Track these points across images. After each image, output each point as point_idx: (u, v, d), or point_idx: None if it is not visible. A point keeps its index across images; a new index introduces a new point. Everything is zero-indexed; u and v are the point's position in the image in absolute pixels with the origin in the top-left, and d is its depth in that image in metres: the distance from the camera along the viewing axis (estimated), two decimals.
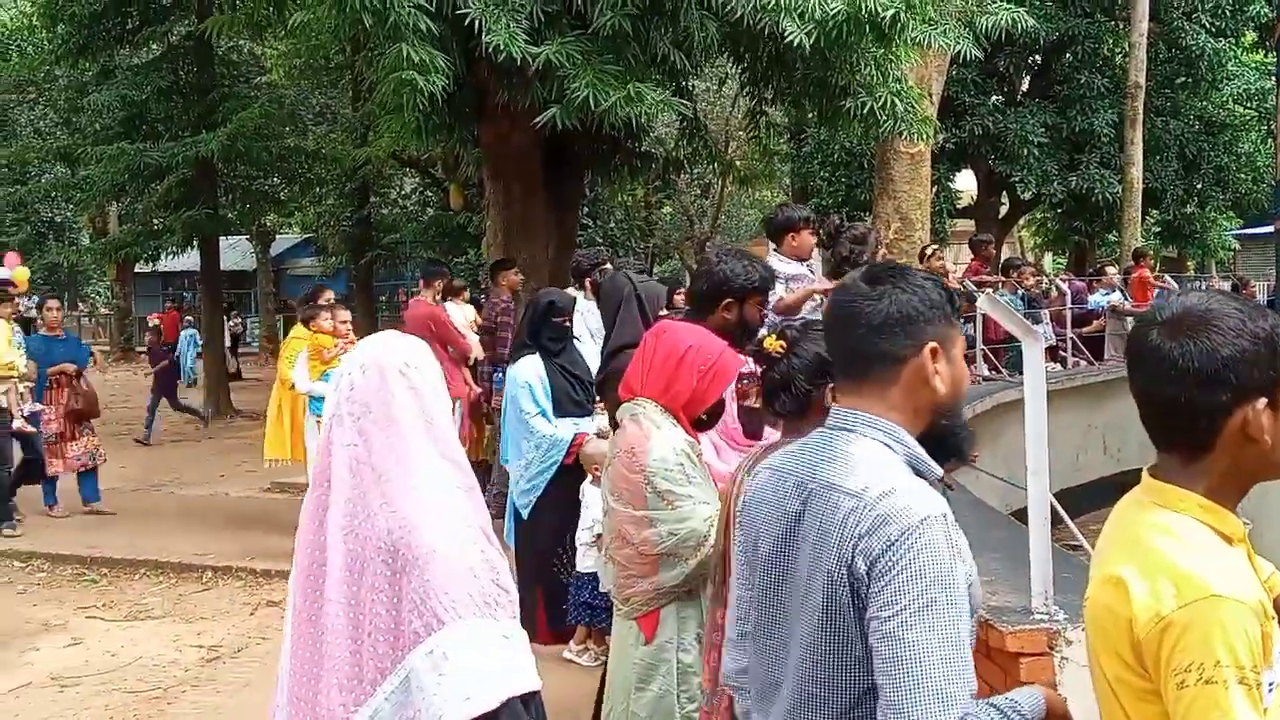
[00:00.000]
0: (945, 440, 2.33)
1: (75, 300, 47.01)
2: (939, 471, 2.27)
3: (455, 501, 2.44)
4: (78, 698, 6.79)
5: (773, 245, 6.46)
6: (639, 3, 8.24)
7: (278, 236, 32.66)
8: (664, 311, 5.61)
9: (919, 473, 2.18)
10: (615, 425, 3.97)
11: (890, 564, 2.01)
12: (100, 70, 19.49)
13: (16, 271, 11.31)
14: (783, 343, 3.18)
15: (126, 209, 23.89)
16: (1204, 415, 1.84)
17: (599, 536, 5.29)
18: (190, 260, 22.11)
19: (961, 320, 13.05)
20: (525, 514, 6.48)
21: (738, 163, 16.17)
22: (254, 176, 21.49)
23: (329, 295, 10.50)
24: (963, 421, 3.39)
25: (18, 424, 10.46)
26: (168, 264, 22.73)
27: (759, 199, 30.22)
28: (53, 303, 11.88)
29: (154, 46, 19.84)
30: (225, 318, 23.68)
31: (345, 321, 9.87)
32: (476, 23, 8.05)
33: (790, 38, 8.27)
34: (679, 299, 6.93)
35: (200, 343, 22.54)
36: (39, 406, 10.71)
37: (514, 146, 10.43)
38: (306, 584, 2.48)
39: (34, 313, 24.21)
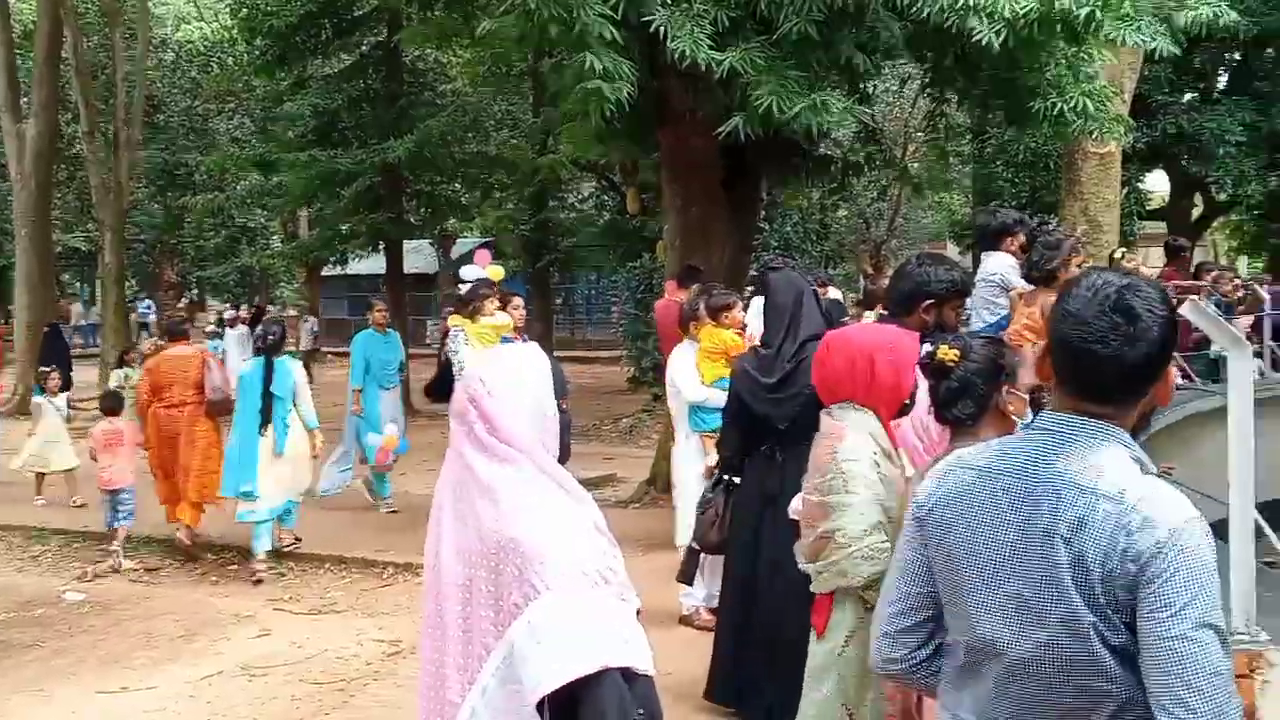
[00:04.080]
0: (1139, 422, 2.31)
1: (266, 302, 48.91)
2: (1155, 469, 2.26)
3: (552, 495, 2.52)
4: (266, 687, 7.03)
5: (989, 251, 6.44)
6: (824, 6, 8.17)
7: (458, 240, 33.41)
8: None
9: (1145, 472, 2.21)
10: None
11: (1165, 564, 2.06)
12: (294, 80, 20.21)
13: (491, 269, 11.75)
14: (956, 351, 3.28)
15: (316, 214, 24.76)
16: None
17: None
18: (375, 263, 22.79)
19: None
20: None
21: (913, 167, 15.93)
22: (438, 182, 22.04)
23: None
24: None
25: None
26: (354, 267, 23.44)
27: (938, 202, 29.74)
28: (379, 303, 12.38)
29: (345, 57, 20.51)
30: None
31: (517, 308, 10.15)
32: (661, 29, 8.10)
33: (978, 37, 8.09)
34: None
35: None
36: None
37: (693, 151, 10.47)
38: (432, 578, 2.60)
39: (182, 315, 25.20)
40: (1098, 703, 2.14)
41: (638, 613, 2.63)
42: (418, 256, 32.82)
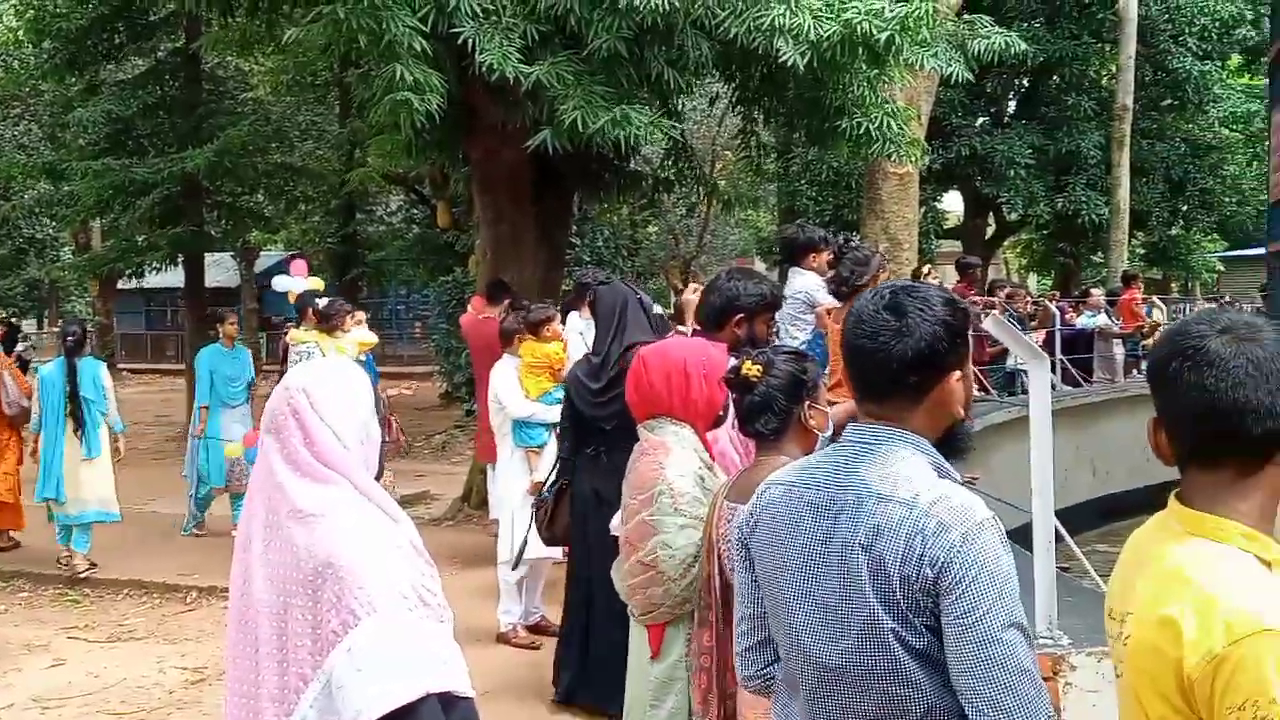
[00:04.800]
0: (952, 442, 2.36)
1: (55, 317, 46.77)
2: (958, 475, 2.33)
3: (371, 516, 2.45)
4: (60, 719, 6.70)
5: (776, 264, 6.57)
6: (632, 24, 8.23)
7: (262, 253, 32.53)
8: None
9: (943, 478, 2.26)
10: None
11: (964, 568, 2.09)
12: (86, 86, 19.39)
13: (311, 280, 11.18)
14: (759, 366, 3.29)
15: (110, 225, 23.79)
16: (1268, 424, 1.77)
17: None
18: (175, 277, 22.01)
19: None
20: None
21: (721, 184, 16.19)
22: (239, 193, 21.39)
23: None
24: (968, 428, 3.43)
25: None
26: (151, 280, 22.62)
27: (745, 219, 30.30)
28: (230, 315, 11.77)
29: (140, 62, 19.76)
30: None
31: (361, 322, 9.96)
32: (470, 41, 8.04)
33: (784, 58, 8.27)
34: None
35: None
36: None
37: (504, 164, 10.41)
38: (240, 605, 2.49)
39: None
40: (904, 710, 2.18)
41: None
42: (219, 270, 31.86)
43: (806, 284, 6.71)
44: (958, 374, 2.27)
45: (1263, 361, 1.77)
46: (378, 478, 2.60)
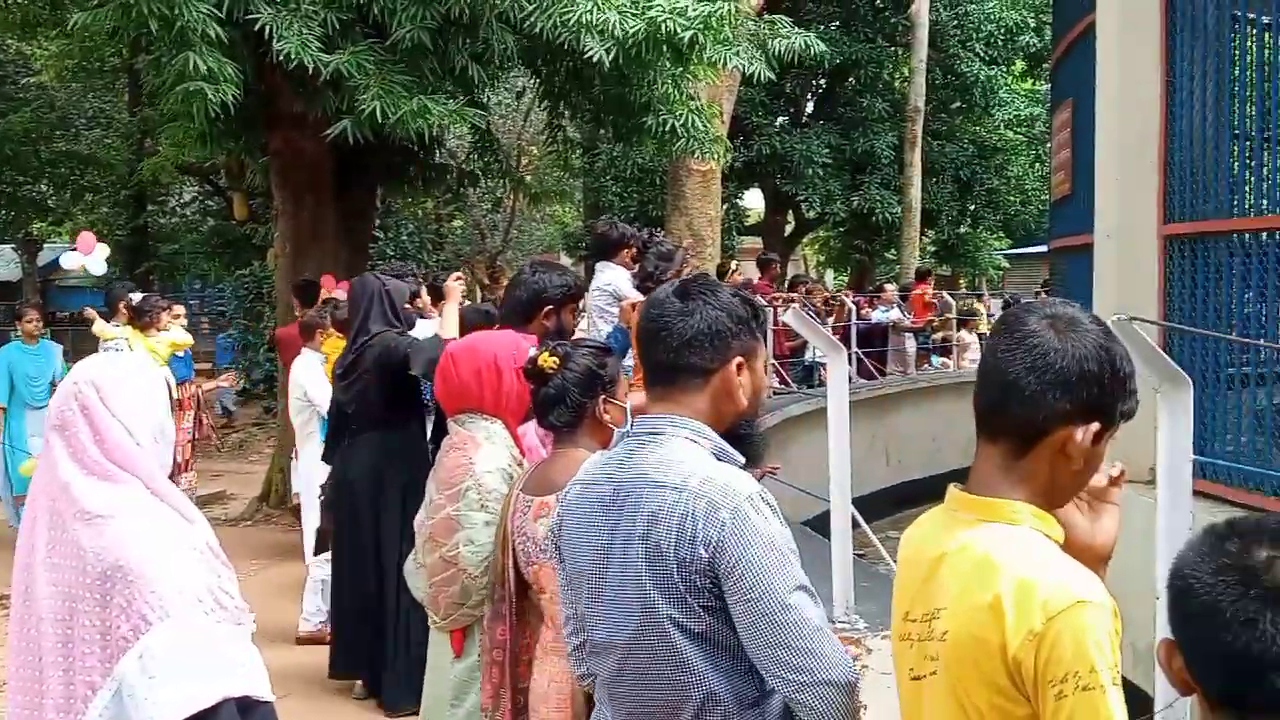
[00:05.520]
0: (741, 446, 2.42)
1: None
2: (741, 460, 2.39)
3: (164, 517, 2.38)
4: None
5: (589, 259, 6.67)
6: (437, 15, 8.14)
7: (45, 246, 31.02)
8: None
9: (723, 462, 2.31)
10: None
11: (737, 546, 2.14)
12: None
13: (99, 248, 10.33)
14: (556, 359, 3.29)
15: None
16: (1043, 413, 1.81)
17: None
18: None
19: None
20: None
21: (527, 178, 16.16)
22: (21, 182, 20.39)
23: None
24: (758, 428, 3.52)
25: None
26: None
27: (551, 214, 30.30)
28: (30, 311, 10.93)
29: None
30: None
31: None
32: (267, 29, 7.84)
33: (590, 53, 8.32)
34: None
35: None
36: None
37: (304, 155, 10.17)
38: (22, 612, 2.39)
39: None
40: (685, 698, 2.22)
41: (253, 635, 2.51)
42: None
43: (614, 278, 6.77)
44: (740, 360, 2.32)
45: (1054, 354, 1.81)
46: (173, 476, 2.51)
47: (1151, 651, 3.41)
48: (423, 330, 6.16)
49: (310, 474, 7.58)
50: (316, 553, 6.79)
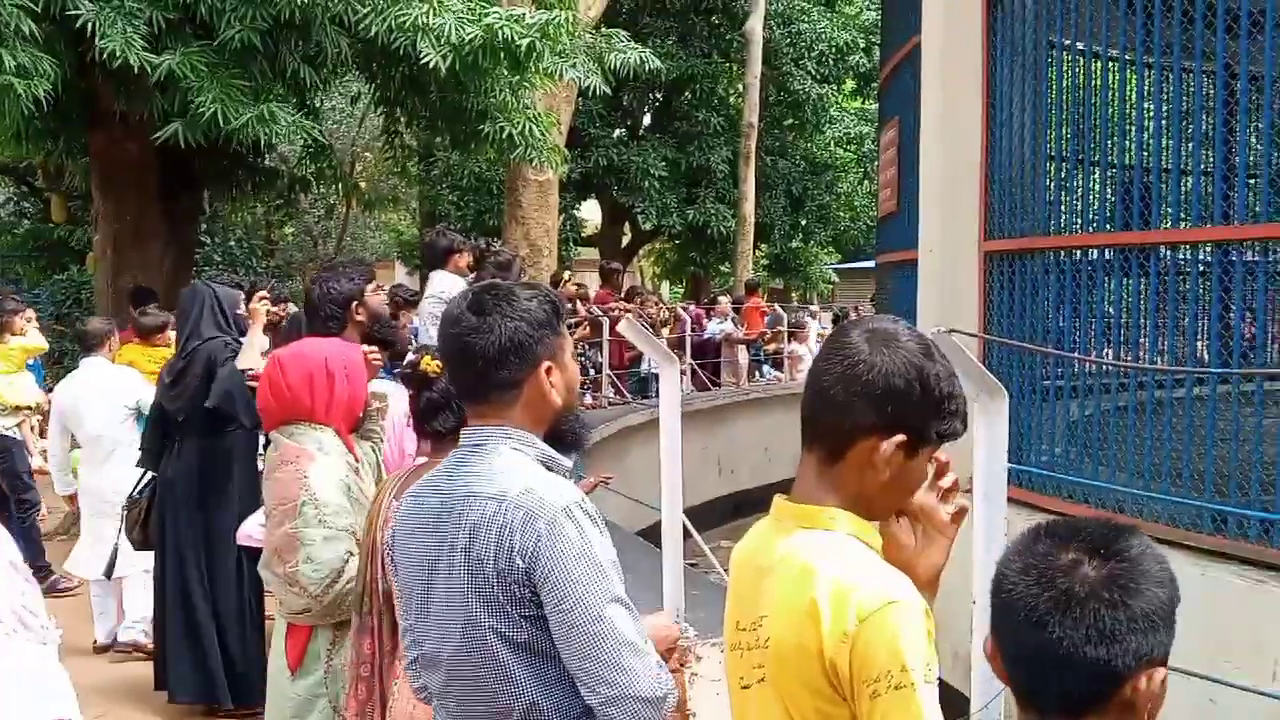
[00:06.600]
0: (563, 434, 2.41)
1: None
2: (569, 465, 2.39)
3: None
4: None
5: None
6: (267, 16, 7.96)
7: None
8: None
9: (551, 470, 2.31)
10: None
11: (552, 557, 2.14)
12: None
13: None
14: (439, 363, 3.19)
15: None
16: (849, 422, 1.83)
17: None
18: None
19: (588, 346, 13.16)
20: None
21: (362, 185, 15.93)
22: None
23: None
24: (576, 414, 3.51)
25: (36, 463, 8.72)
26: None
27: (386, 222, 29.90)
28: None
29: None
30: None
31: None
32: (89, 25, 7.57)
33: (426, 59, 8.24)
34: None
35: None
36: None
37: (127, 157, 9.83)
38: None
39: None
40: (509, 707, 2.22)
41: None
42: None
43: (446, 285, 6.74)
44: (548, 364, 2.32)
45: (862, 365, 1.83)
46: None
47: (968, 655, 3.53)
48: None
49: (120, 484, 7.28)
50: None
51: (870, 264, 18.39)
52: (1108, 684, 1.54)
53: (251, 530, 4.02)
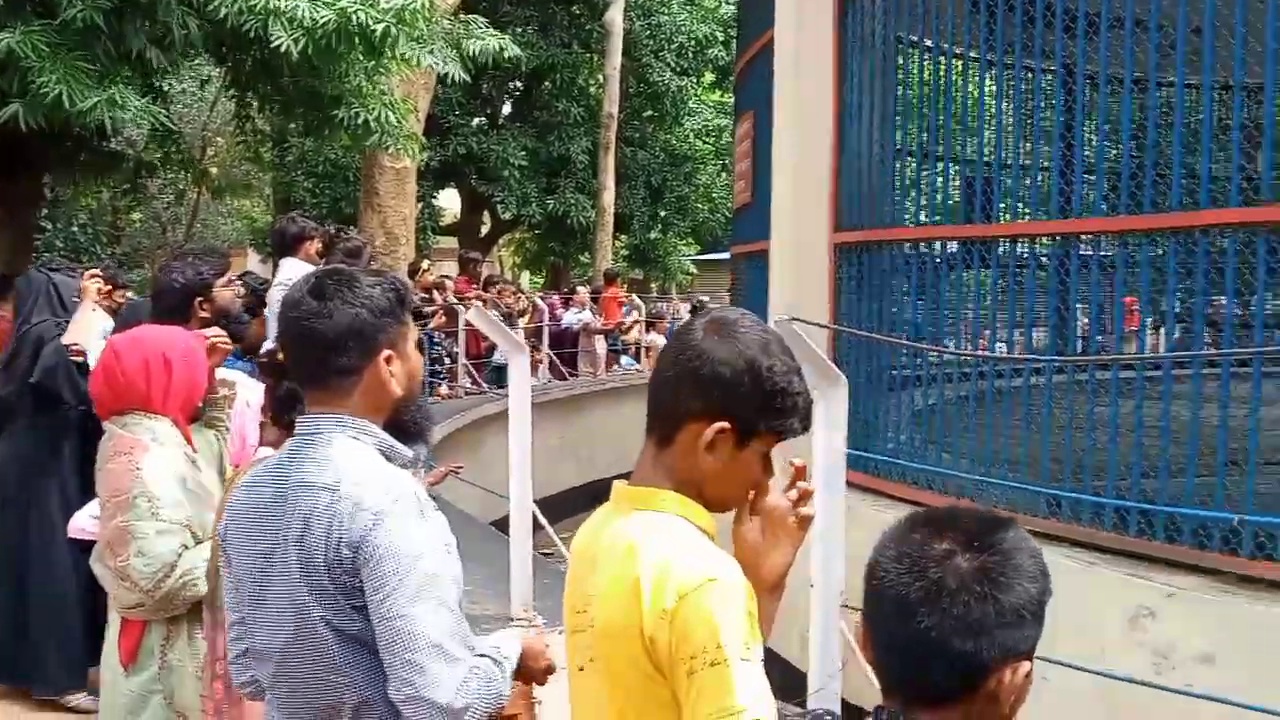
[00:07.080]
0: (405, 425, 2.41)
1: None
2: (409, 455, 2.38)
3: None
4: None
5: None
6: None
7: None
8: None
9: (391, 460, 2.30)
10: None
11: (373, 548, 2.13)
12: None
13: None
14: None
15: None
16: (678, 406, 1.88)
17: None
18: None
19: (444, 335, 13.08)
20: None
21: (213, 170, 15.55)
22: None
23: None
24: (419, 404, 3.51)
25: None
26: None
27: (238, 208, 29.25)
28: None
29: None
30: None
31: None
32: None
33: (278, 43, 8.07)
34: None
35: None
36: None
37: None
38: None
39: None
40: (341, 699, 2.20)
41: None
42: None
43: (296, 272, 6.64)
44: (389, 353, 2.30)
45: (691, 351, 1.87)
46: None
47: (807, 637, 3.62)
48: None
49: None
50: None
51: (728, 255, 18.64)
52: (973, 676, 1.54)
53: (84, 523, 3.91)
